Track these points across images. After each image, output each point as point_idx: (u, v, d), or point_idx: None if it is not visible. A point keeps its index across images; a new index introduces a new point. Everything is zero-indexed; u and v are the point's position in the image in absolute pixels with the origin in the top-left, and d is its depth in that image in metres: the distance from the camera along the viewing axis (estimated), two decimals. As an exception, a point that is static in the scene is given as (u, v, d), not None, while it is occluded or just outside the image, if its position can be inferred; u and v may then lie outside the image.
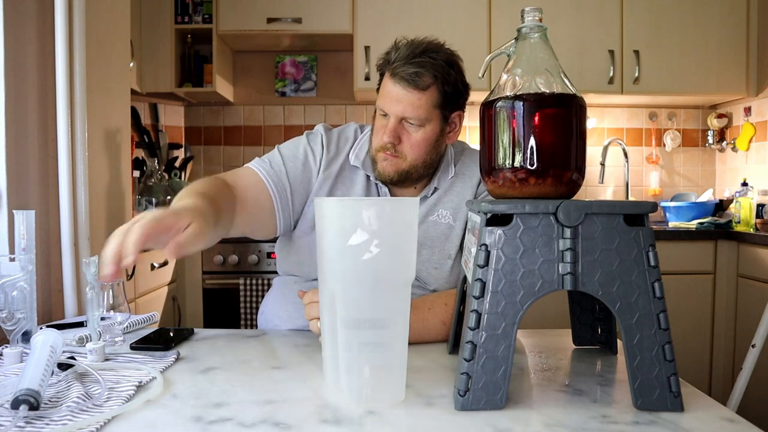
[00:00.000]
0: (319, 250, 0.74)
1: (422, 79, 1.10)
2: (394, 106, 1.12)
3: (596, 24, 2.79)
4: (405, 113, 1.11)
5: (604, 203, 0.70)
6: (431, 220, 1.20)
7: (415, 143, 1.13)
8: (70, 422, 0.65)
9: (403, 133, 1.14)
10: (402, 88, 1.11)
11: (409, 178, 1.17)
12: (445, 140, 1.19)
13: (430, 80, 1.11)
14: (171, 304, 2.40)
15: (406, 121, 1.13)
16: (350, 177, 1.22)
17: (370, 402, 0.71)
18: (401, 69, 1.11)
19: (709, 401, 0.74)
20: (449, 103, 1.15)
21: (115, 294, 1.00)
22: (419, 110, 1.11)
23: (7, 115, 1.12)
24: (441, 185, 1.22)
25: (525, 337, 1.06)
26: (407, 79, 1.10)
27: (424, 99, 1.11)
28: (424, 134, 1.13)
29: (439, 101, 1.13)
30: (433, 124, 1.14)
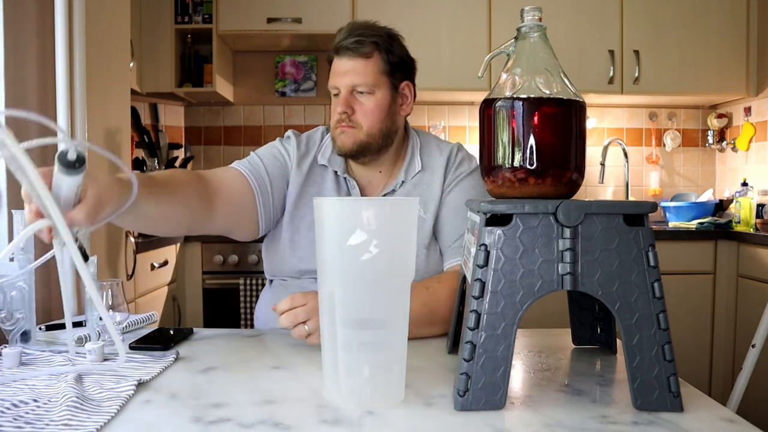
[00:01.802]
0: (319, 250, 0.74)
1: (364, 46, 1.17)
2: (342, 78, 1.18)
3: (596, 24, 2.79)
4: (353, 81, 1.17)
5: (604, 203, 0.70)
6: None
7: (369, 110, 1.18)
8: (69, 422, 0.65)
9: (355, 102, 1.19)
10: (347, 60, 1.17)
11: (368, 149, 1.19)
12: (399, 112, 1.25)
13: (372, 48, 1.18)
14: (171, 304, 2.40)
15: (356, 90, 1.18)
16: (320, 174, 1.25)
17: (370, 402, 0.71)
18: (343, 43, 1.17)
19: (709, 401, 0.74)
20: (396, 71, 1.22)
21: (115, 294, 1.00)
22: (366, 76, 1.17)
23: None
24: (408, 179, 1.24)
25: (524, 337, 1.06)
26: (350, 48, 1.16)
27: (369, 66, 1.17)
28: (375, 101, 1.18)
29: (384, 68, 1.19)
30: (382, 90, 1.19)
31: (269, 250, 1.28)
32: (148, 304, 2.13)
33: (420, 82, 3.15)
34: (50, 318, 1.21)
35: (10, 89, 1.13)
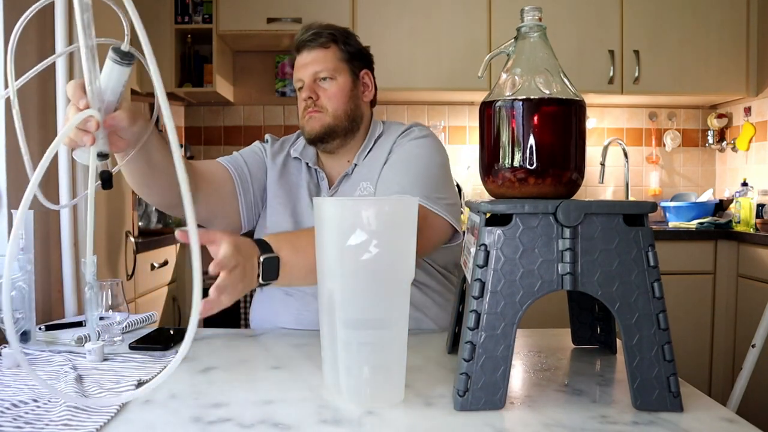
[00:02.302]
0: (318, 250, 0.74)
1: (322, 37, 1.26)
2: (305, 70, 1.26)
3: (596, 24, 2.79)
4: (315, 69, 1.25)
5: (604, 203, 0.70)
6: (356, 195, 1.24)
7: (332, 94, 1.25)
8: (69, 422, 0.65)
9: (319, 89, 1.26)
10: (307, 53, 1.26)
11: (335, 131, 1.25)
12: (362, 98, 1.31)
13: (329, 39, 1.27)
14: (171, 304, 2.40)
15: (318, 78, 1.25)
16: (295, 166, 1.33)
17: (369, 402, 0.71)
18: (302, 38, 1.26)
19: (709, 401, 0.74)
20: (354, 59, 1.29)
21: (115, 294, 1.00)
22: (326, 63, 1.25)
23: (7, 115, 1.12)
24: (360, 161, 1.28)
25: (524, 337, 1.06)
26: (309, 41, 1.26)
27: (329, 54, 1.26)
28: (338, 85, 1.26)
29: (343, 57, 1.27)
30: (343, 76, 1.27)
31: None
32: (148, 304, 2.13)
33: (420, 82, 3.16)
34: (50, 318, 1.21)
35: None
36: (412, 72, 2.78)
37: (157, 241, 2.20)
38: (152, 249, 2.15)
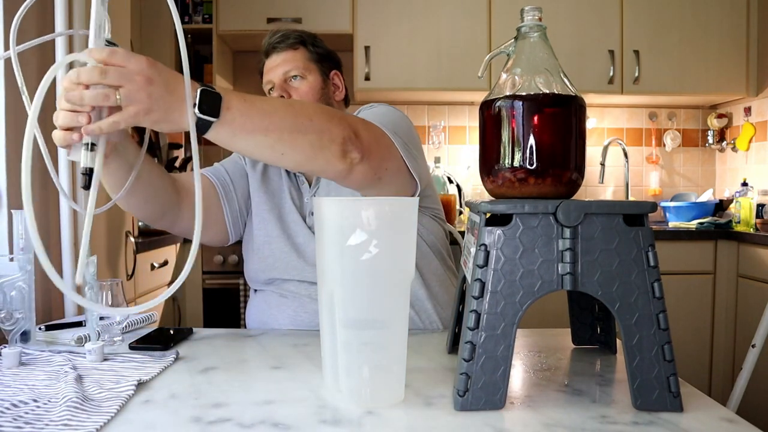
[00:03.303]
0: (318, 250, 0.74)
1: (290, 39, 1.29)
2: (274, 71, 1.28)
3: (596, 24, 2.79)
4: (285, 69, 1.27)
5: (604, 203, 0.70)
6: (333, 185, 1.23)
7: (304, 93, 1.27)
8: (69, 422, 0.65)
9: (290, 88, 1.28)
10: (276, 55, 1.28)
11: None
12: (333, 98, 1.34)
13: (296, 41, 1.29)
14: (171, 304, 2.40)
15: (289, 78, 1.27)
16: (275, 171, 1.32)
17: (369, 402, 0.71)
18: (270, 42, 1.29)
19: (709, 401, 0.73)
20: (323, 60, 1.32)
21: (115, 294, 1.00)
22: (296, 62, 1.28)
23: (7, 116, 1.12)
24: None
25: (524, 337, 1.06)
26: (277, 42, 1.28)
27: (298, 55, 1.29)
28: (308, 84, 1.28)
29: (312, 57, 1.30)
30: (313, 75, 1.29)
31: (245, 255, 1.33)
32: (148, 304, 2.13)
33: (420, 82, 3.15)
34: (50, 318, 1.21)
35: (10, 89, 1.12)
36: (412, 72, 2.78)
37: (157, 241, 2.20)
38: (152, 249, 2.15)
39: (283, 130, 0.89)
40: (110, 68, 0.74)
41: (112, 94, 0.74)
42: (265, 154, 0.91)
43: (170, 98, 0.78)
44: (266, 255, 1.25)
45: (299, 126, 0.91)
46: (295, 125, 0.90)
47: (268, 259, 1.25)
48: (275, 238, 1.25)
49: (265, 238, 1.26)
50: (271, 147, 0.89)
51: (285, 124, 0.89)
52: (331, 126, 0.94)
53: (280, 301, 1.22)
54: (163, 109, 0.77)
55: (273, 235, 1.25)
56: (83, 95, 0.74)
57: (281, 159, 0.92)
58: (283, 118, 0.90)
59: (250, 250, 1.29)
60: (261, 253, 1.26)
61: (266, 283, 1.27)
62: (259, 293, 1.29)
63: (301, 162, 0.95)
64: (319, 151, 0.93)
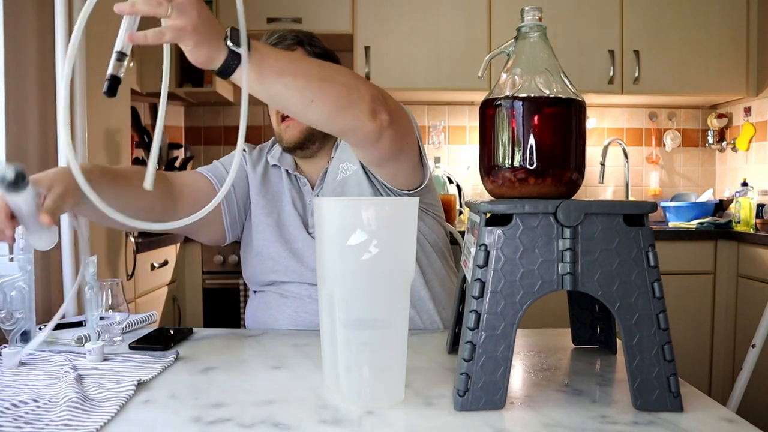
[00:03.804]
0: (319, 250, 0.74)
1: (287, 40, 1.23)
2: None
3: (596, 24, 2.79)
4: None
5: (604, 203, 0.70)
6: (339, 180, 1.23)
7: None
8: (69, 422, 0.65)
9: None
10: None
11: (314, 135, 1.22)
12: None
13: (294, 42, 1.24)
14: (171, 304, 2.40)
15: None
16: (276, 174, 1.31)
17: (369, 402, 0.71)
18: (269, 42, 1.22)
19: (709, 401, 0.74)
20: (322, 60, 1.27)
21: (115, 294, 1.00)
22: None
23: (7, 115, 1.12)
24: (335, 153, 1.27)
25: (524, 337, 1.06)
26: (275, 43, 1.22)
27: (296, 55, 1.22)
28: None
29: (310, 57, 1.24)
30: None
31: (243, 258, 1.32)
32: (148, 304, 2.13)
33: (420, 82, 3.15)
34: (50, 318, 1.21)
35: (10, 89, 1.13)
36: (412, 72, 2.78)
37: (157, 241, 2.20)
38: (152, 249, 2.15)
39: (312, 77, 0.89)
40: None
41: (165, 4, 0.75)
42: (294, 99, 0.89)
43: (214, 24, 0.81)
44: (264, 258, 1.25)
45: (327, 75, 0.91)
46: (323, 73, 0.91)
47: (267, 263, 1.25)
48: (273, 242, 1.24)
49: (264, 242, 1.25)
50: (300, 91, 0.88)
51: (313, 72, 0.90)
52: (359, 83, 0.95)
53: (280, 301, 1.22)
54: (207, 32, 0.80)
55: (271, 240, 1.25)
56: (135, 2, 0.75)
57: (310, 107, 0.90)
58: (311, 66, 0.92)
59: (249, 253, 1.29)
60: (260, 256, 1.26)
61: (266, 285, 1.27)
62: (259, 293, 1.29)
63: (330, 113, 0.93)
64: (348, 105, 0.93)
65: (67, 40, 1.24)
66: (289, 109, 0.95)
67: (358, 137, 1.01)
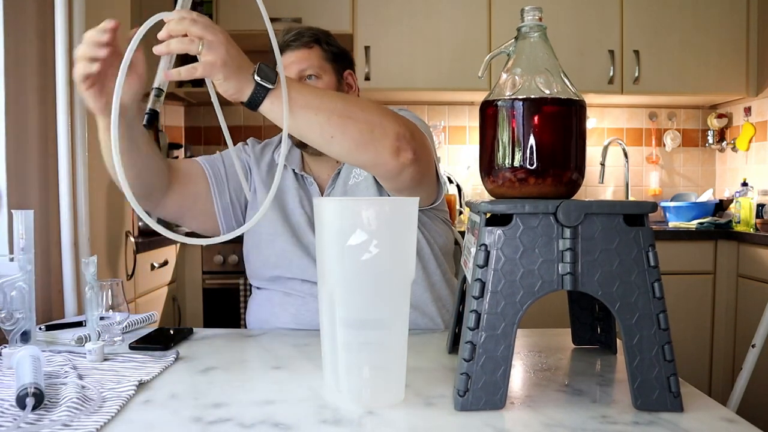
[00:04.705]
0: (319, 250, 0.74)
1: (305, 38, 1.26)
2: (289, 69, 1.24)
3: (596, 24, 2.79)
4: (300, 67, 1.24)
5: (604, 203, 0.70)
6: (351, 184, 1.24)
7: None
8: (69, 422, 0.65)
9: None
10: (291, 52, 1.25)
11: None
12: None
13: (311, 39, 1.27)
14: (171, 304, 2.40)
15: (304, 77, 1.25)
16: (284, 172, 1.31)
17: (370, 402, 0.71)
18: (285, 39, 1.26)
19: (709, 401, 0.74)
20: (337, 60, 1.29)
21: (115, 294, 1.00)
22: (312, 61, 1.25)
23: (7, 115, 1.12)
24: None
25: (524, 337, 1.06)
26: (292, 40, 1.26)
27: (313, 54, 1.26)
28: (323, 84, 1.26)
29: (327, 57, 1.27)
30: (328, 75, 1.27)
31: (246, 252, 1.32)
32: (148, 304, 2.13)
33: (420, 82, 3.15)
34: (50, 318, 1.21)
35: (10, 89, 1.13)
36: (412, 72, 2.78)
37: (157, 241, 2.20)
38: (152, 249, 2.15)
39: (333, 112, 0.93)
40: (199, 20, 0.83)
41: (197, 42, 0.83)
42: (315, 134, 0.93)
43: (242, 60, 0.87)
44: (269, 253, 1.25)
45: (350, 112, 0.94)
46: (346, 110, 0.94)
47: (271, 258, 1.24)
48: (280, 235, 1.24)
49: (269, 236, 1.25)
50: (321, 127, 0.92)
51: (336, 107, 0.93)
52: (384, 120, 0.97)
53: (282, 299, 1.22)
54: (235, 66, 0.86)
55: (278, 233, 1.24)
56: (170, 42, 0.83)
57: (331, 143, 0.94)
58: (334, 101, 0.95)
59: (254, 247, 1.28)
60: (265, 251, 1.26)
61: (269, 281, 1.26)
62: (262, 291, 1.29)
63: (350, 149, 0.95)
64: (370, 142, 0.95)
65: (67, 40, 1.24)
66: (311, 141, 0.97)
67: (380, 172, 1.04)
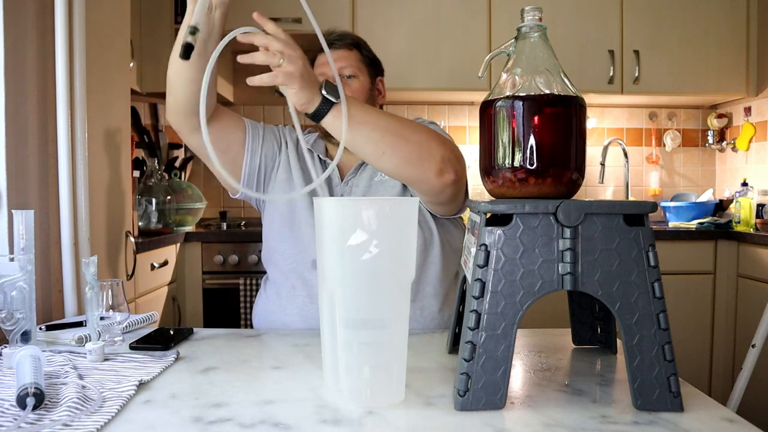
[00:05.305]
0: (319, 250, 0.74)
1: (346, 39, 1.36)
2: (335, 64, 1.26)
3: (596, 24, 2.79)
4: (341, 65, 1.33)
5: (604, 203, 0.70)
6: (377, 180, 1.29)
7: (356, 90, 1.33)
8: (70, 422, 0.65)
9: (344, 84, 1.31)
10: (334, 51, 1.34)
11: None
12: (377, 102, 1.41)
13: (352, 42, 1.37)
14: (171, 304, 2.40)
15: (342, 76, 1.33)
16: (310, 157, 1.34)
17: (370, 402, 0.71)
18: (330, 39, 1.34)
19: (709, 401, 0.74)
20: (372, 66, 1.39)
21: (115, 294, 1.00)
22: (351, 61, 1.34)
23: (7, 115, 1.12)
24: None
25: (524, 337, 1.06)
26: (336, 39, 1.34)
27: (352, 55, 1.36)
28: (360, 84, 1.34)
29: (364, 60, 1.37)
30: (364, 77, 1.36)
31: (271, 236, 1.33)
32: (148, 304, 2.13)
33: (420, 82, 3.15)
34: (50, 318, 1.21)
35: (10, 89, 1.13)
36: (412, 72, 2.78)
37: (157, 241, 2.20)
38: (152, 249, 2.15)
39: (387, 131, 1.04)
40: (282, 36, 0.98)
41: (279, 55, 0.96)
42: (369, 148, 1.03)
43: (313, 75, 0.99)
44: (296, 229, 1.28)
45: (402, 133, 1.05)
46: (399, 131, 1.05)
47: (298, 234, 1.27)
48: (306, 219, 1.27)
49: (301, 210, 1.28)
50: (375, 143, 1.03)
51: (390, 127, 1.04)
52: (431, 142, 1.07)
53: (290, 291, 1.25)
54: (309, 80, 0.97)
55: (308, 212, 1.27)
56: (254, 55, 0.99)
57: (381, 158, 1.04)
58: (389, 121, 1.05)
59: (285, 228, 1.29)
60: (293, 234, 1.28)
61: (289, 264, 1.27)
62: (271, 283, 1.31)
63: (399, 165, 1.05)
64: (418, 161, 1.05)
65: (67, 40, 1.24)
66: (364, 155, 1.06)
67: (422, 189, 1.13)
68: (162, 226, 2.53)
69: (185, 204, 2.62)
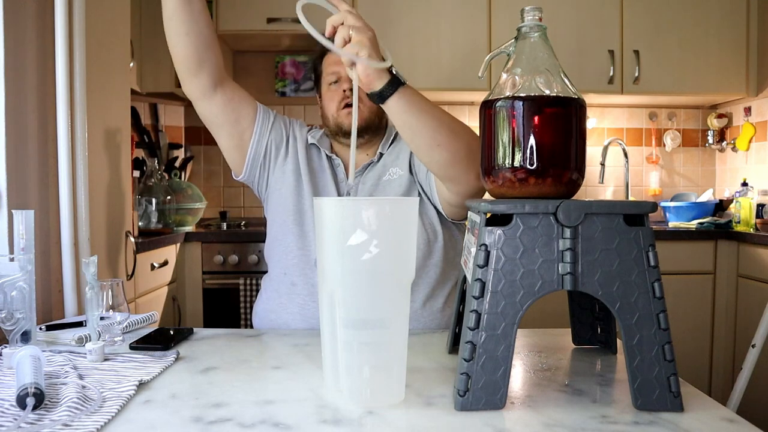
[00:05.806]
0: (319, 250, 0.74)
1: None
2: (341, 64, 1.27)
3: (596, 24, 2.79)
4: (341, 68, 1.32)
5: (604, 203, 0.70)
6: (385, 180, 1.30)
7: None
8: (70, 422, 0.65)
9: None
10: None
11: (370, 126, 1.32)
12: None
13: None
14: (171, 304, 2.40)
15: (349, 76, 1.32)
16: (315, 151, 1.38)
17: (370, 402, 0.71)
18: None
19: (709, 401, 0.74)
20: None
21: (115, 294, 1.00)
22: None
23: (7, 115, 1.11)
24: (385, 150, 1.34)
25: (524, 337, 1.06)
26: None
27: None
28: None
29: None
30: None
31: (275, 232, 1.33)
32: (148, 304, 2.13)
33: (420, 82, 3.15)
34: (50, 318, 1.21)
35: (10, 89, 1.12)
36: (412, 72, 2.78)
37: (157, 241, 2.20)
38: (152, 249, 2.15)
39: (443, 124, 1.06)
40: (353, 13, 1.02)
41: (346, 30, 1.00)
42: (425, 138, 1.04)
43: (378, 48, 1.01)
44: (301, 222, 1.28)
45: (456, 128, 1.08)
46: (453, 127, 1.07)
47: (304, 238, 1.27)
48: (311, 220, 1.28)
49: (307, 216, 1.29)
50: (432, 132, 1.04)
51: (444, 120, 1.06)
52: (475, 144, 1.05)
53: (290, 289, 1.25)
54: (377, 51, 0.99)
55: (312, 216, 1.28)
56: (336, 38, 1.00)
57: (434, 150, 1.05)
58: (445, 114, 1.07)
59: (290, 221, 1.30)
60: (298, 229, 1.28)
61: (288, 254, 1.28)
62: (271, 282, 1.31)
63: (448, 160, 1.07)
64: (464, 160, 1.07)
65: (67, 40, 1.24)
66: (417, 143, 1.06)
67: (458, 189, 1.14)
68: (162, 226, 2.53)
69: (185, 204, 2.62)
